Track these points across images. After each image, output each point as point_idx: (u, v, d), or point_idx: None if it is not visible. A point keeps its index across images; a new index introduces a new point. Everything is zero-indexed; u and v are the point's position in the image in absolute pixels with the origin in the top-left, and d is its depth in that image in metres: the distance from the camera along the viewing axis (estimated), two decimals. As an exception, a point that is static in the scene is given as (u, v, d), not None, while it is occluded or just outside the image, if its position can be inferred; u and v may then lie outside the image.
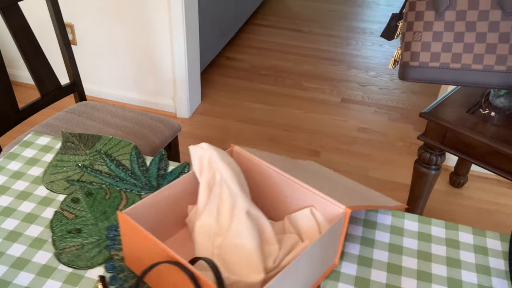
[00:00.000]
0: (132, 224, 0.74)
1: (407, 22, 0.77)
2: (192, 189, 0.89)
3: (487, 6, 0.72)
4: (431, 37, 0.77)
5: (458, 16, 0.74)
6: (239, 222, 0.78)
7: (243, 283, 0.76)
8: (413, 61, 0.79)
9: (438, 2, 0.74)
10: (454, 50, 0.76)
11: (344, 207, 0.78)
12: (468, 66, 0.76)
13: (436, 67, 0.78)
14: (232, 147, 0.93)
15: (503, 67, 0.74)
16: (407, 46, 0.79)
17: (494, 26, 0.73)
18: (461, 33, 0.75)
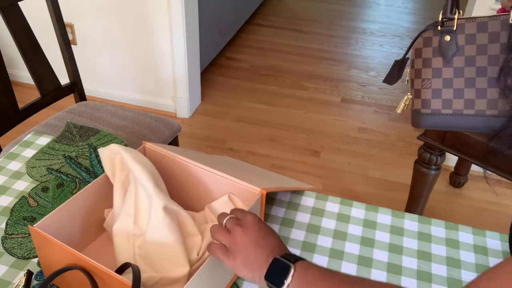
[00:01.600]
0: (45, 237, 0.72)
1: (415, 69, 0.76)
2: (107, 192, 0.88)
3: (496, 51, 0.71)
4: (441, 83, 0.76)
5: (467, 61, 0.74)
6: (157, 219, 0.78)
7: (168, 279, 0.76)
8: (425, 108, 0.78)
9: (445, 49, 0.74)
10: (467, 96, 0.75)
11: (260, 189, 0.82)
12: (482, 112, 0.75)
13: (449, 114, 0.77)
14: (144, 144, 0.92)
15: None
16: (417, 94, 0.77)
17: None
18: (472, 78, 0.74)
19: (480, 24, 0.72)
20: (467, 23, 0.72)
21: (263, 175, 0.99)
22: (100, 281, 0.70)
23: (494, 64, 0.72)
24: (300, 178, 2.14)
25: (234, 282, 0.82)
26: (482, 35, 0.72)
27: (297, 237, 0.91)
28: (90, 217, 0.85)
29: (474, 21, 0.72)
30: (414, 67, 0.78)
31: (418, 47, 0.77)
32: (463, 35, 0.73)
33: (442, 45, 0.74)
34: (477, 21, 0.72)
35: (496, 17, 0.71)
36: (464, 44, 0.73)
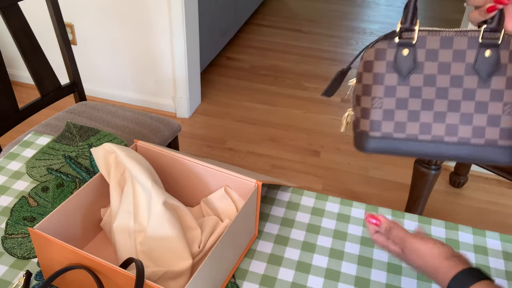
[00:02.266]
0: (46, 238, 0.73)
1: (363, 85, 0.66)
2: (102, 191, 0.88)
3: (460, 71, 0.63)
4: (395, 104, 0.65)
5: (427, 81, 0.64)
6: (157, 214, 0.78)
7: (172, 273, 0.77)
8: (374, 131, 0.67)
9: (402, 64, 0.63)
10: (423, 120, 0.65)
11: (255, 181, 0.83)
12: (440, 138, 0.66)
13: (402, 138, 0.67)
14: (135, 142, 0.92)
15: (481, 140, 0.64)
16: (365, 113, 0.67)
17: (470, 93, 0.63)
18: (431, 100, 0.64)
19: (444, 39, 0.63)
20: (429, 36, 0.63)
21: (252, 173, 1.00)
22: (103, 278, 0.70)
23: (457, 86, 0.64)
24: (300, 178, 2.14)
25: (234, 282, 0.82)
26: (445, 52, 0.63)
27: (297, 237, 0.91)
28: (87, 217, 0.86)
29: (437, 35, 0.63)
30: (362, 82, 0.67)
31: (368, 59, 0.66)
32: (423, 50, 0.64)
33: (398, 59, 0.64)
34: (441, 35, 0.63)
35: (463, 33, 0.62)
36: (424, 61, 0.64)
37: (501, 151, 0.64)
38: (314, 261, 0.87)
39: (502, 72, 0.62)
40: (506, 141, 0.64)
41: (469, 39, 0.62)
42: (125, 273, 0.67)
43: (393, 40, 0.64)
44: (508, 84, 0.62)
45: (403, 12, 0.63)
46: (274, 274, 0.84)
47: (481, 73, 0.63)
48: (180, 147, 2.31)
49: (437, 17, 3.75)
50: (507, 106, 0.63)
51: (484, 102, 0.63)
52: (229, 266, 0.82)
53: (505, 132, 0.64)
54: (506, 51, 0.62)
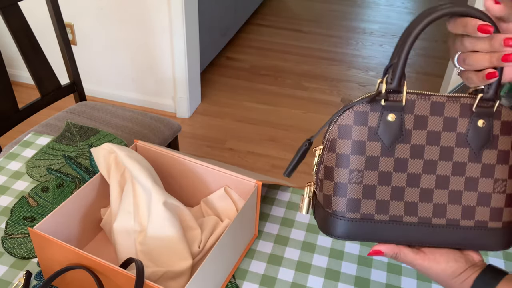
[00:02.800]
0: (46, 238, 0.73)
1: (337, 154, 0.56)
2: (102, 191, 0.88)
3: (451, 142, 0.55)
4: (377, 179, 0.56)
5: (413, 153, 0.55)
6: (157, 214, 0.78)
7: (172, 273, 0.77)
8: (352, 212, 0.56)
9: (387, 132, 0.54)
10: (408, 199, 0.56)
11: (255, 180, 0.83)
12: (427, 220, 0.57)
13: (385, 220, 0.57)
14: (135, 142, 0.92)
15: (471, 222, 0.57)
16: (339, 190, 0.56)
17: (460, 168, 0.56)
18: (417, 175, 0.56)
19: (435, 104, 0.54)
20: (418, 100, 0.54)
21: (253, 174, 1.00)
22: (103, 278, 0.70)
23: (447, 159, 0.56)
24: (300, 178, 2.14)
25: (234, 282, 0.82)
26: (435, 120, 0.55)
27: (297, 237, 0.91)
28: (87, 217, 0.86)
29: (427, 100, 0.54)
30: (336, 151, 0.56)
31: (345, 124, 0.55)
32: (411, 115, 0.54)
33: (383, 126, 0.54)
34: (431, 100, 0.54)
35: (455, 99, 0.55)
36: (412, 129, 0.55)
37: (491, 234, 0.57)
38: (314, 261, 0.87)
39: (493, 145, 0.55)
40: (496, 223, 0.57)
41: (462, 106, 0.55)
42: (125, 273, 0.67)
43: (378, 102, 0.54)
44: (499, 159, 0.56)
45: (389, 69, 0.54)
46: (274, 274, 0.84)
47: (473, 145, 0.55)
48: (180, 147, 2.31)
49: (437, 17, 3.75)
50: (497, 183, 0.56)
51: (475, 178, 0.56)
52: (229, 266, 0.82)
53: (495, 212, 0.57)
54: (498, 122, 0.55)
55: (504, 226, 0.57)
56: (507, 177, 0.56)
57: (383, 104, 0.54)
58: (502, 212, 0.57)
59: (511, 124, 0.55)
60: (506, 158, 0.56)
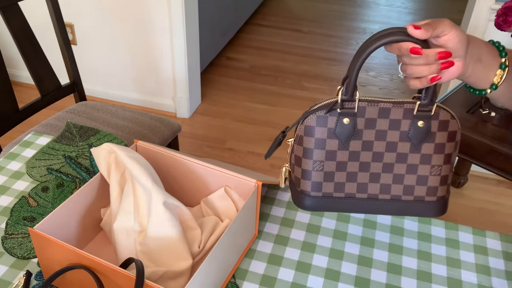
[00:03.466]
0: (46, 238, 0.73)
1: (304, 148, 0.71)
2: (102, 191, 0.88)
3: (395, 138, 0.69)
4: (335, 167, 0.71)
5: (364, 146, 0.70)
6: (157, 214, 0.78)
7: (172, 273, 0.77)
8: (315, 191, 0.73)
9: (343, 131, 0.69)
10: (360, 180, 0.72)
11: (255, 180, 0.83)
12: (375, 196, 0.73)
13: (341, 197, 0.74)
14: (135, 142, 0.92)
15: (411, 197, 0.73)
16: (305, 175, 0.72)
17: (402, 157, 0.70)
18: (367, 163, 0.71)
19: (382, 109, 0.68)
20: (368, 107, 0.68)
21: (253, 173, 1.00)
22: (103, 278, 0.70)
23: (391, 151, 0.70)
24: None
25: (234, 282, 0.82)
26: (383, 121, 0.69)
27: (297, 237, 0.91)
28: (87, 217, 0.86)
29: (376, 106, 0.68)
30: (303, 145, 0.71)
31: (310, 125, 0.69)
32: (363, 119, 0.68)
33: (339, 127, 0.69)
34: (379, 106, 0.68)
35: (399, 104, 0.68)
36: (363, 128, 0.69)
37: (427, 205, 0.73)
38: (314, 261, 0.87)
39: (431, 139, 0.69)
40: (431, 197, 0.73)
41: (405, 111, 0.68)
42: (125, 273, 0.67)
43: (335, 109, 0.68)
44: (436, 150, 0.70)
45: (344, 84, 0.67)
46: (274, 274, 0.84)
47: (414, 140, 0.69)
48: (180, 147, 2.31)
49: (437, 17, 3.74)
50: (434, 168, 0.71)
51: (415, 165, 0.71)
52: (229, 266, 0.82)
53: (431, 189, 0.72)
54: (436, 121, 0.68)
55: (438, 200, 0.73)
56: (442, 163, 0.70)
57: (339, 111, 0.68)
58: (437, 190, 0.72)
59: (447, 122, 0.68)
60: (442, 148, 0.70)
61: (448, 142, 0.70)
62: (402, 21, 3.67)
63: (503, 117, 1.51)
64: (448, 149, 0.70)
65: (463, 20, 2.07)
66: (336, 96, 0.68)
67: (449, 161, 0.71)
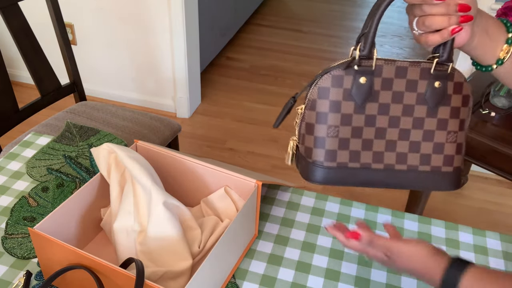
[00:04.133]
0: (46, 238, 0.73)
1: (317, 112, 0.65)
2: (102, 191, 0.88)
3: (412, 101, 0.65)
4: (350, 133, 0.65)
5: (381, 109, 0.65)
6: (157, 214, 0.78)
7: (172, 273, 0.77)
8: (329, 161, 0.66)
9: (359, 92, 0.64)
10: (376, 149, 0.67)
11: (255, 180, 0.83)
12: (391, 166, 0.68)
13: (356, 167, 0.67)
14: (135, 142, 0.92)
15: (428, 167, 0.68)
16: (318, 142, 0.66)
17: (419, 122, 0.66)
18: (384, 129, 0.66)
19: (399, 68, 0.64)
20: (385, 65, 0.63)
21: (253, 174, 1.00)
22: (103, 278, 0.70)
23: (408, 115, 0.65)
24: (300, 178, 2.13)
25: (234, 282, 0.82)
26: (399, 82, 0.64)
27: (297, 237, 0.91)
28: (87, 217, 0.86)
29: (393, 65, 0.64)
30: (316, 109, 0.65)
31: (324, 86, 0.64)
32: (379, 78, 0.64)
33: (356, 87, 0.64)
34: (396, 64, 0.64)
35: (416, 64, 0.64)
36: (380, 90, 0.64)
37: (444, 176, 0.68)
38: (314, 261, 0.87)
39: (447, 102, 0.66)
40: (448, 167, 0.68)
41: (422, 70, 0.64)
42: (125, 273, 0.67)
43: (351, 67, 0.63)
44: (452, 114, 0.66)
45: (362, 40, 0.62)
46: (274, 274, 0.84)
47: (430, 102, 0.65)
48: (180, 147, 2.31)
49: (437, 17, 3.75)
50: (450, 135, 0.67)
51: (431, 131, 0.67)
52: (229, 266, 0.82)
53: (448, 158, 0.68)
54: (451, 83, 0.65)
55: (454, 170, 0.68)
56: (457, 129, 0.67)
57: (356, 69, 0.63)
58: (453, 159, 0.68)
59: (462, 84, 0.65)
60: (457, 113, 0.66)
61: (463, 106, 0.66)
62: (402, 21, 3.67)
63: (503, 117, 1.51)
64: (463, 114, 0.67)
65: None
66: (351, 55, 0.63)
67: (463, 127, 0.67)
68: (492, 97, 1.54)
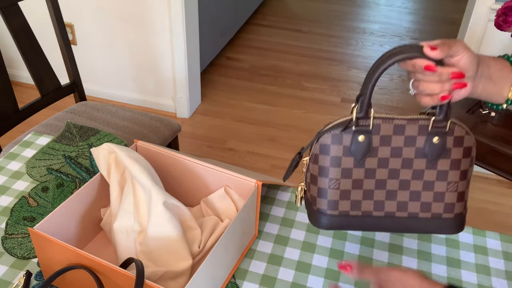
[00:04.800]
0: (46, 238, 0.73)
1: (319, 166, 0.70)
2: (102, 191, 0.88)
3: (411, 155, 0.68)
4: (351, 184, 0.70)
5: (380, 163, 0.69)
6: (157, 214, 0.78)
7: (172, 273, 0.77)
8: (332, 210, 0.71)
9: (358, 149, 0.68)
10: (376, 198, 0.71)
11: (255, 180, 0.83)
12: (392, 214, 0.72)
13: (358, 215, 0.72)
14: (135, 142, 0.92)
15: (428, 214, 0.72)
16: (322, 193, 0.71)
17: (419, 174, 0.69)
18: (384, 180, 0.70)
19: (397, 126, 0.67)
20: (383, 124, 0.67)
21: (253, 174, 1.00)
22: (103, 278, 0.70)
23: (407, 168, 0.69)
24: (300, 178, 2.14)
25: (234, 282, 0.82)
26: (398, 138, 0.68)
27: (297, 237, 0.91)
28: (87, 217, 0.86)
29: (391, 123, 0.67)
30: (319, 163, 0.70)
31: (325, 143, 0.69)
32: (378, 136, 0.68)
33: (354, 145, 0.68)
34: (394, 123, 0.67)
35: (414, 121, 0.67)
36: (379, 146, 0.68)
37: (445, 222, 0.72)
38: (314, 261, 0.87)
39: (447, 155, 0.68)
40: (449, 214, 0.72)
41: (420, 127, 0.67)
42: (125, 273, 0.67)
43: (349, 127, 0.67)
44: (452, 166, 0.69)
45: (358, 102, 0.66)
46: (274, 274, 0.84)
47: (429, 156, 0.68)
48: (180, 147, 2.31)
49: (437, 17, 3.75)
50: (450, 185, 0.70)
51: (431, 182, 0.70)
52: (229, 266, 0.82)
53: (448, 206, 0.71)
54: (451, 137, 0.68)
55: (456, 216, 0.72)
56: (458, 179, 0.69)
57: (354, 129, 0.67)
58: (454, 206, 0.71)
59: (462, 138, 0.68)
60: (458, 164, 0.69)
61: (464, 158, 0.69)
62: (402, 21, 3.67)
63: (503, 117, 1.51)
64: (464, 165, 0.69)
65: (463, 20, 2.07)
66: (351, 114, 0.67)
67: (465, 177, 0.70)
68: (492, 97, 1.54)
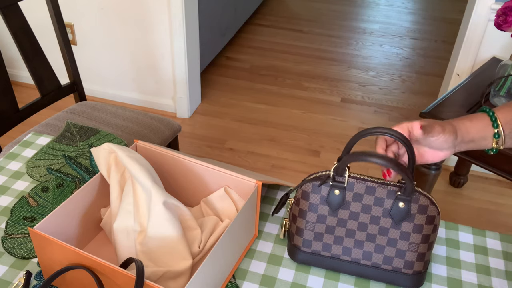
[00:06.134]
0: (46, 238, 0.72)
1: (300, 209, 0.80)
2: (102, 191, 0.88)
3: (378, 213, 0.77)
4: (324, 229, 0.80)
5: (351, 216, 0.78)
6: (157, 214, 0.78)
7: (172, 273, 0.77)
8: (305, 247, 0.82)
9: (333, 200, 0.78)
10: (345, 244, 0.80)
11: (255, 180, 0.84)
12: (358, 260, 0.81)
13: (327, 256, 0.82)
14: (135, 142, 0.92)
15: (389, 267, 0.80)
16: (299, 231, 0.82)
17: (384, 231, 0.78)
18: (353, 230, 0.79)
19: (369, 187, 0.76)
20: (357, 183, 0.76)
21: (253, 174, 1.00)
22: (103, 278, 0.70)
23: (375, 224, 0.77)
24: (300, 178, 2.14)
25: (234, 282, 0.82)
26: (369, 197, 0.76)
27: (297, 237, 0.91)
28: (86, 217, 0.85)
29: (364, 183, 0.76)
30: (299, 206, 0.80)
31: (306, 190, 0.79)
32: (351, 192, 0.77)
33: (330, 196, 0.78)
34: (366, 184, 0.76)
35: (384, 185, 0.75)
36: (351, 201, 0.77)
37: (404, 277, 0.80)
38: (314, 261, 0.86)
39: (411, 220, 0.76)
40: (408, 270, 0.79)
41: (388, 191, 0.76)
42: (125, 273, 0.67)
43: (327, 181, 0.77)
44: (415, 229, 0.77)
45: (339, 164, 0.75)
46: (274, 274, 0.84)
47: (395, 217, 0.76)
48: (180, 147, 2.31)
49: (437, 17, 3.75)
50: (411, 245, 0.78)
51: (395, 239, 0.78)
52: (229, 266, 0.82)
53: (408, 263, 0.79)
54: (415, 205, 0.76)
55: (414, 273, 0.80)
56: (419, 242, 0.77)
57: (330, 184, 0.77)
58: (413, 264, 0.79)
59: (426, 207, 0.76)
60: (420, 229, 0.77)
61: (426, 224, 0.76)
62: (402, 20, 3.67)
63: (503, 117, 1.51)
64: (426, 231, 0.77)
65: (463, 20, 2.07)
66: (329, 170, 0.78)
67: (427, 241, 0.78)
68: (492, 96, 1.54)
